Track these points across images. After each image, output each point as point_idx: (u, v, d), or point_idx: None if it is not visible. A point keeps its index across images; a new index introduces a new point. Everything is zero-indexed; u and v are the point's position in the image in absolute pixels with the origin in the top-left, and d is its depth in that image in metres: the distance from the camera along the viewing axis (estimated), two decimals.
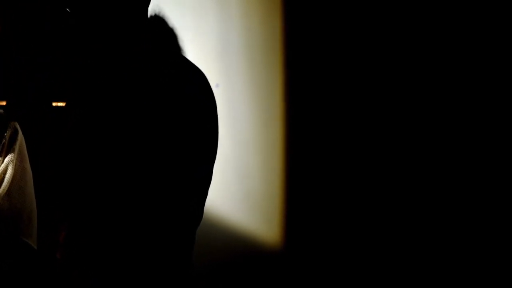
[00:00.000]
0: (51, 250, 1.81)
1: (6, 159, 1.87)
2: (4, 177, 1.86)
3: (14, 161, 1.88)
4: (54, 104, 2.44)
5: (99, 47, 1.74)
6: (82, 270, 1.70)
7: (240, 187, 2.80)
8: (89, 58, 1.78)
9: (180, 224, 1.69)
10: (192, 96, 1.68)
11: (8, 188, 1.86)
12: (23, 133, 1.93)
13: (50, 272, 1.80)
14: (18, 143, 1.91)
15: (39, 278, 1.86)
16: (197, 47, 2.79)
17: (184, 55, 2.72)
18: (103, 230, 1.69)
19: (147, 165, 1.64)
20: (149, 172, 1.64)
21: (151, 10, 2.69)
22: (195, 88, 1.70)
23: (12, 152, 1.88)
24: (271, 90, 2.83)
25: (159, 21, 2.71)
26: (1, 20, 2.43)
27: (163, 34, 2.71)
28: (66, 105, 1.86)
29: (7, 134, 1.89)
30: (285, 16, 2.84)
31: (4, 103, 2.45)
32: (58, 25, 2.43)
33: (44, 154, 1.91)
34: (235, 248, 2.79)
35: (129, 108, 1.67)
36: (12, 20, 2.45)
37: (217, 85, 2.78)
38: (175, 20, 2.74)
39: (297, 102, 2.84)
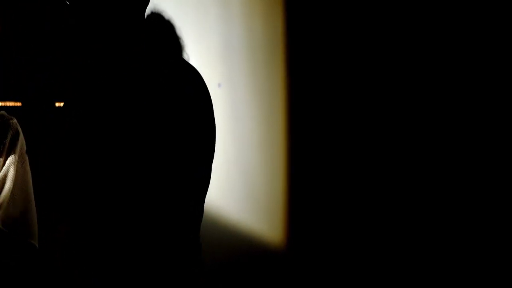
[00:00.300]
0: (51, 249, 1.81)
1: (8, 161, 1.88)
2: (6, 179, 1.86)
3: (16, 163, 1.89)
4: (54, 104, 2.45)
5: (99, 47, 1.74)
6: (82, 269, 1.70)
7: (243, 186, 2.80)
8: (89, 58, 1.78)
9: (180, 223, 1.69)
10: (190, 96, 1.68)
11: (12, 190, 1.87)
12: (23, 132, 1.94)
13: (50, 271, 1.80)
14: (19, 144, 1.91)
15: (41, 277, 1.86)
16: (199, 48, 2.79)
17: (183, 55, 2.72)
18: (102, 229, 1.69)
19: (146, 165, 1.64)
20: (148, 172, 1.64)
21: (154, 10, 2.69)
22: (193, 88, 1.70)
23: (13, 154, 1.88)
24: (273, 90, 2.83)
25: (161, 22, 2.71)
26: (1, 20, 2.44)
27: (164, 34, 2.71)
28: (65, 105, 1.86)
29: (8, 136, 1.90)
30: (287, 16, 2.84)
31: (3, 103, 2.45)
32: (58, 25, 2.44)
33: (44, 154, 1.92)
34: (238, 246, 2.79)
35: (128, 108, 1.67)
36: (12, 20, 2.45)
37: (219, 85, 2.78)
38: (177, 20, 2.74)
39: (299, 101, 2.84)
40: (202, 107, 1.71)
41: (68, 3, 1.67)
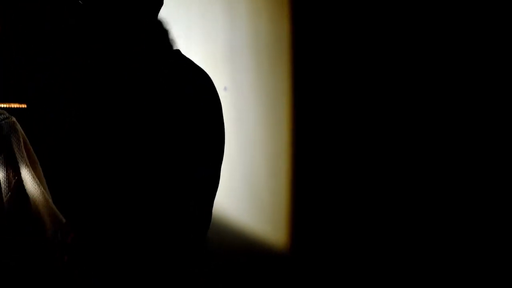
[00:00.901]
0: (54, 249, 1.82)
1: (28, 177, 1.87)
2: (28, 178, 1.86)
3: (30, 172, 1.89)
4: (57, 105, 2.46)
5: (100, 47, 1.74)
6: (82, 269, 1.70)
7: (247, 188, 2.80)
8: (90, 58, 1.79)
9: (179, 223, 1.68)
10: (190, 96, 1.67)
11: (42, 193, 1.87)
12: (26, 134, 1.94)
13: (50, 271, 1.81)
14: (21, 142, 1.91)
15: (41, 277, 1.87)
16: (204, 49, 2.80)
17: (188, 56, 2.72)
18: (102, 229, 1.69)
19: (144, 164, 1.64)
20: (146, 171, 1.64)
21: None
22: (195, 89, 1.69)
23: (24, 163, 1.88)
24: (278, 93, 2.83)
25: (165, 22, 2.71)
26: (1, 20, 2.45)
27: (167, 35, 2.72)
28: (66, 105, 1.86)
29: (9, 135, 1.90)
30: (293, 18, 2.84)
31: (8, 105, 2.47)
32: (58, 25, 2.44)
33: (44, 155, 1.92)
34: (242, 246, 2.79)
35: (127, 107, 1.67)
36: (12, 20, 2.47)
37: (225, 88, 2.78)
38: (181, 21, 2.75)
39: (304, 104, 2.84)
40: (203, 107, 1.70)
41: (81, 2, 1.67)
